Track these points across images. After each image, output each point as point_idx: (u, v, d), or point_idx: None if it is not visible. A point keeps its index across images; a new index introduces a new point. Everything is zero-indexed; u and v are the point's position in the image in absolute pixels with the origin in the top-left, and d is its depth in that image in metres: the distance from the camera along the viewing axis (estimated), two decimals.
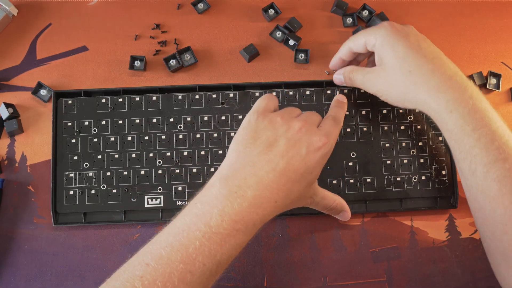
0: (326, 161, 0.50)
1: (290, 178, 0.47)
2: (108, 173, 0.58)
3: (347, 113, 0.59)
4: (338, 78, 0.58)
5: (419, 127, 0.59)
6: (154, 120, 0.59)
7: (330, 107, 0.56)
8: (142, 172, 0.58)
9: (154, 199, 0.58)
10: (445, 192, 0.58)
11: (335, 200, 0.54)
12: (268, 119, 0.50)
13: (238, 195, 0.45)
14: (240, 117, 0.59)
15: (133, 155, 0.58)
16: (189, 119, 0.59)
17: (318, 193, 0.52)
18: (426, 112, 0.52)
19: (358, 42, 0.54)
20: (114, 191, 0.58)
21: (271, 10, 0.64)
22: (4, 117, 0.60)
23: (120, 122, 0.59)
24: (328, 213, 0.56)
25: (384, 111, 0.60)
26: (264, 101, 0.52)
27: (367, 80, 0.54)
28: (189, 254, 0.43)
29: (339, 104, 0.56)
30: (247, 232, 0.46)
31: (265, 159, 0.47)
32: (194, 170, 0.58)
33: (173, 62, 0.62)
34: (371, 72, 0.54)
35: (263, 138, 0.48)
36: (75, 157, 0.58)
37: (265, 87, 0.61)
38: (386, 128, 0.59)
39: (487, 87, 0.62)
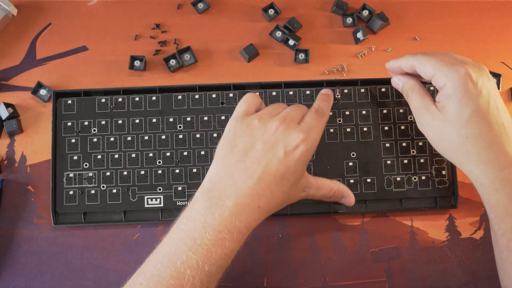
0: (312, 157, 0.49)
1: (270, 182, 0.47)
2: (108, 173, 0.58)
3: (347, 113, 0.59)
4: (396, 83, 0.55)
5: None
6: (154, 120, 0.59)
7: (315, 101, 0.55)
8: (142, 172, 0.58)
9: (154, 199, 0.58)
10: (445, 192, 0.58)
11: (332, 187, 0.53)
12: (246, 124, 0.49)
13: (218, 206, 0.45)
14: None
15: (133, 155, 0.58)
16: (189, 119, 0.59)
17: (311, 185, 0.51)
18: (472, 181, 0.49)
19: (426, 71, 0.49)
20: (114, 191, 0.58)
21: (271, 10, 0.64)
22: (3, 117, 0.59)
23: (120, 122, 0.59)
24: (329, 201, 0.55)
25: (384, 111, 0.60)
26: (244, 105, 0.51)
27: (420, 114, 0.51)
28: (178, 268, 0.44)
29: (323, 97, 0.55)
30: (233, 240, 0.46)
31: (242, 168, 0.47)
32: (194, 170, 0.58)
33: (173, 62, 0.62)
34: (428, 108, 0.50)
35: (240, 145, 0.48)
36: (75, 157, 0.58)
37: (265, 87, 0.61)
38: (386, 128, 0.59)
39: None
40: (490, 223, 0.49)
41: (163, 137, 0.59)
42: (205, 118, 0.59)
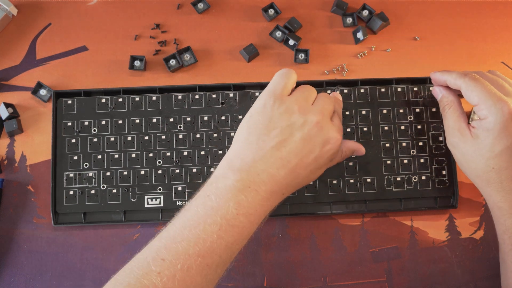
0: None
1: (300, 174, 0.47)
2: (108, 173, 0.58)
3: (347, 113, 0.59)
4: (436, 93, 0.56)
5: (419, 127, 0.59)
6: (154, 120, 0.59)
7: None
8: (142, 172, 0.58)
9: (154, 199, 0.58)
10: (445, 192, 0.58)
11: (343, 150, 0.53)
12: (285, 107, 0.48)
13: (252, 189, 0.45)
14: (240, 117, 0.59)
15: (133, 155, 0.58)
16: (189, 119, 0.59)
17: (327, 167, 0.52)
18: (487, 202, 0.52)
19: (471, 98, 0.50)
20: (114, 191, 0.58)
21: (271, 10, 0.64)
22: (3, 117, 0.59)
23: (120, 122, 0.59)
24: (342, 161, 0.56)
25: (384, 111, 0.60)
26: (283, 81, 0.50)
27: (452, 134, 0.53)
28: (207, 248, 0.43)
29: (338, 102, 0.55)
30: (258, 222, 0.47)
31: (278, 156, 0.46)
32: (194, 170, 0.58)
33: (173, 62, 0.62)
34: (462, 131, 0.52)
35: (277, 130, 0.47)
36: (75, 157, 0.58)
37: (265, 87, 0.60)
38: (386, 128, 0.59)
39: None
40: (502, 245, 0.51)
41: (163, 137, 0.59)
42: (205, 118, 0.59)
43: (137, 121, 0.59)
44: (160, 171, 0.58)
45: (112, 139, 0.59)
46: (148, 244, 0.45)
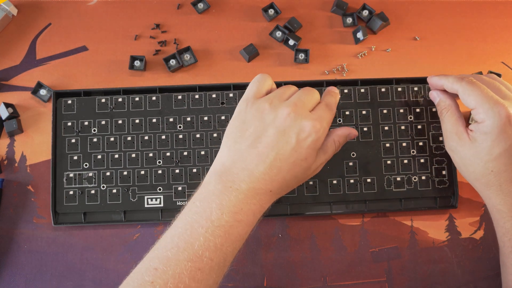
0: (320, 146, 0.49)
1: (282, 168, 0.47)
2: (108, 173, 0.58)
3: (347, 113, 0.59)
4: (434, 97, 0.56)
5: (419, 127, 0.59)
6: (154, 120, 0.59)
7: (322, 96, 0.54)
8: (142, 172, 0.58)
9: (154, 199, 0.58)
10: (445, 192, 0.58)
11: (335, 140, 0.52)
12: (256, 108, 0.49)
13: (233, 188, 0.46)
14: None
15: (133, 155, 0.58)
16: (189, 119, 0.59)
17: (323, 161, 0.51)
18: (487, 205, 0.52)
19: (468, 102, 0.50)
20: (114, 191, 0.58)
21: (271, 10, 0.64)
22: (3, 117, 0.59)
23: (120, 122, 0.59)
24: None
25: (385, 111, 0.60)
26: (254, 86, 0.51)
27: (450, 138, 0.53)
28: (196, 251, 0.43)
29: (331, 93, 0.54)
30: (248, 222, 0.46)
31: (254, 153, 0.47)
32: (194, 170, 0.58)
33: (173, 62, 0.62)
34: (459, 135, 0.52)
35: (251, 129, 0.48)
36: (75, 157, 0.58)
37: None
38: (386, 128, 0.59)
39: None
40: (502, 247, 0.51)
41: (163, 137, 0.59)
42: (205, 118, 0.59)
43: (137, 121, 0.59)
44: (160, 171, 0.58)
45: (112, 139, 0.59)
46: (143, 258, 0.46)
